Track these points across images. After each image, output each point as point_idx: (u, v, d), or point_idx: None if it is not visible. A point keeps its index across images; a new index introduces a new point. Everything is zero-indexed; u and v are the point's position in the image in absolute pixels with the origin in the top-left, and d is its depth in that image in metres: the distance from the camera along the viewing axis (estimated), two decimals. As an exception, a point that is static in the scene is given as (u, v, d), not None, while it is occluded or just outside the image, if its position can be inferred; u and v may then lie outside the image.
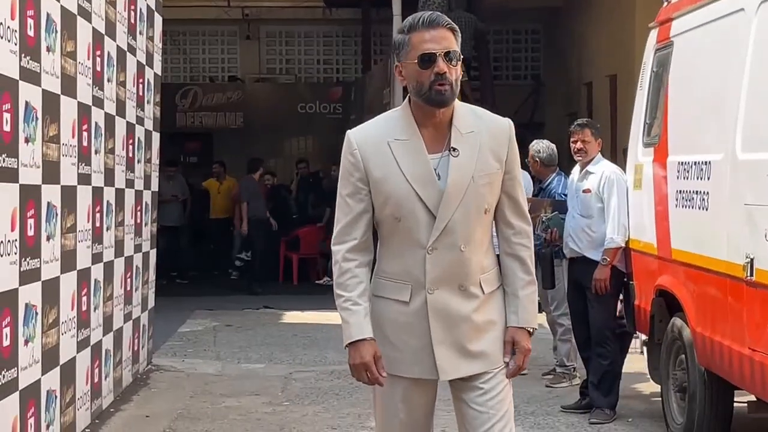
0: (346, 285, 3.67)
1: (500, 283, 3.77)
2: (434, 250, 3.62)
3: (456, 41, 3.61)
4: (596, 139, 7.41)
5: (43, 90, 5.71)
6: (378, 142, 3.66)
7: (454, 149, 3.62)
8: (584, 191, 7.29)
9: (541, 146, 8.44)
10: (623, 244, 7.23)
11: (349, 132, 3.73)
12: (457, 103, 3.67)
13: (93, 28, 6.87)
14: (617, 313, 7.53)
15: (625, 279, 7.38)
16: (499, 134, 3.70)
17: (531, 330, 3.76)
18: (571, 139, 7.46)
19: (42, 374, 5.81)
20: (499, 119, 3.75)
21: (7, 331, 5.27)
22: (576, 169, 7.59)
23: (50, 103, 5.88)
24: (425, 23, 3.59)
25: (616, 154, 15.10)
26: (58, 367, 6.17)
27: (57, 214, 6.08)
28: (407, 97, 3.71)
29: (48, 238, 5.90)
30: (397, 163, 3.62)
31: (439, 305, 3.65)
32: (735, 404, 6.26)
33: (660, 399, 6.94)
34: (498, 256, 3.82)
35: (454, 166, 3.60)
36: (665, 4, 7.15)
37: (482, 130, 3.67)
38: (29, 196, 5.55)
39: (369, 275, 3.72)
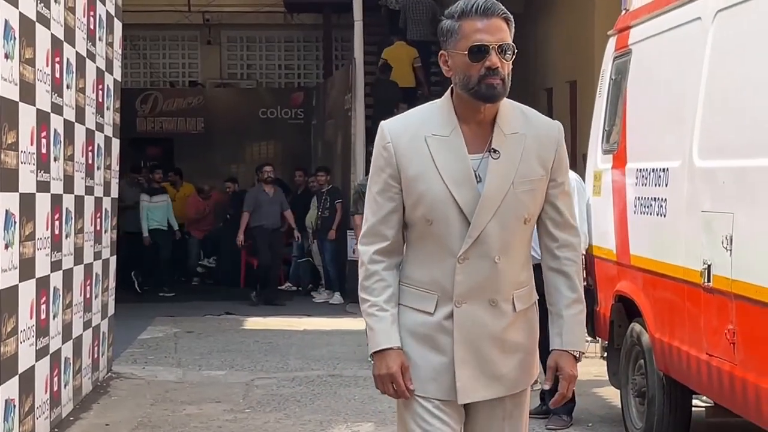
0: (373, 289, 3.37)
1: (534, 301, 3.48)
2: (466, 259, 3.31)
3: (510, 32, 3.34)
4: None
5: (1, 97, 5.68)
6: (414, 137, 3.34)
7: (495, 150, 3.31)
8: None
9: None
10: (583, 251, 7.28)
11: (383, 123, 3.43)
12: (504, 101, 3.37)
13: (52, 34, 6.83)
14: None
15: (585, 284, 7.43)
16: (546, 138, 3.39)
17: (577, 354, 3.44)
18: None
19: (0, 384, 5.77)
20: (547, 121, 3.46)
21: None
22: None
23: (9, 110, 5.84)
24: (479, 10, 3.27)
25: (576, 160, 15.15)
26: (17, 377, 6.11)
27: (15, 222, 6.03)
28: (450, 88, 3.39)
29: (6, 247, 5.85)
30: (434, 161, 3.30)
31: (467, 320, 3.34)
32: (693, 409, 6.31)
33: (619, 404, 6.99)
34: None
35: (493, 169, 3.30)
36: (624, 12, 7.21)
37: (528, 132, 3.37)
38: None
39: (398, 279, 3.41)
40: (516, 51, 3.36)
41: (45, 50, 6.66)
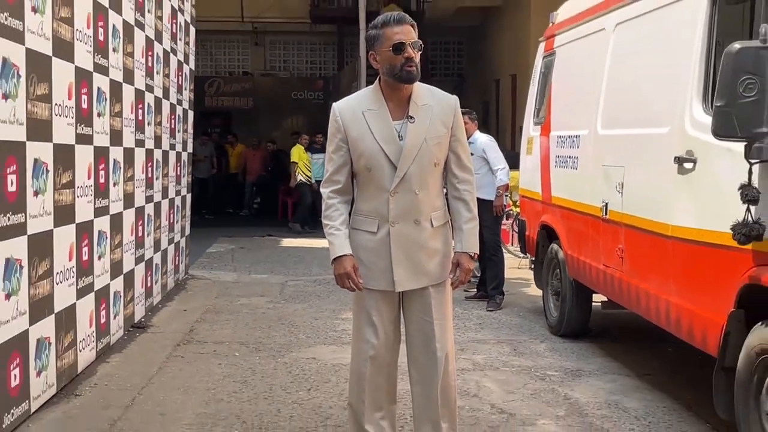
0: (331, 216, 3.48)
1: (446, 220, 3.55)
2: (396, 193, 3.42)
3: (416, 33, 3.42)
4: (473, 122, 7.54)
5: (112, 80, 5.65)
6: (355, 111, 3.46)
7: (411, 117, 3.41)
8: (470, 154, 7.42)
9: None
10: (509, 181, 7.57)
11: (334, 104, 3.53)
12: (417, 83, 3.47)
13: (146, 35, 6.78)
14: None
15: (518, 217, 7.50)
16: (446, 107, 3.49)
17: (472, 254, 3.53)
18: None
19: (111, 279, 5.81)
20: (447, 96, 3.56)
21: (86, 249, 5.25)
22: None
23: (114, 89, 5.81)
24: (395, 20, 3.37)
25: (515, 130, 15.11)
26: (122, 276, 6.17)
27: (120, 168, 6.04)
28: (378, 78, 3.47)
29: (114, 185, 5.87)
30: (369, 128, 3.41)
31: (399, 235, 3.45)
32: (593, 303, 6.38)
33: (542, 299, 7.05)
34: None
35: (410, 130, 3.40)
36: (551, 24, 7.16)
37: (434, 104, 3.46)
38: (100, 154, 5.51)
39: (348, 210, 3.52)
40: (423, 45, 3.41)
41: (141, 47, 6.62)
